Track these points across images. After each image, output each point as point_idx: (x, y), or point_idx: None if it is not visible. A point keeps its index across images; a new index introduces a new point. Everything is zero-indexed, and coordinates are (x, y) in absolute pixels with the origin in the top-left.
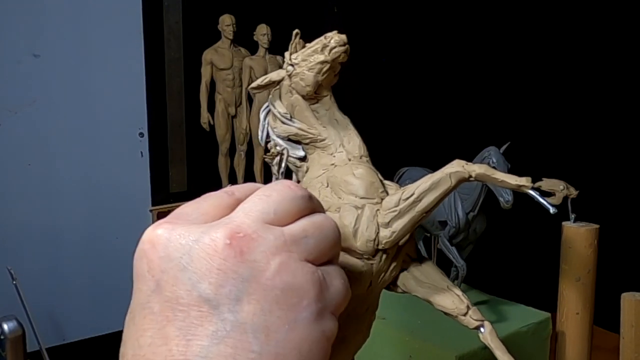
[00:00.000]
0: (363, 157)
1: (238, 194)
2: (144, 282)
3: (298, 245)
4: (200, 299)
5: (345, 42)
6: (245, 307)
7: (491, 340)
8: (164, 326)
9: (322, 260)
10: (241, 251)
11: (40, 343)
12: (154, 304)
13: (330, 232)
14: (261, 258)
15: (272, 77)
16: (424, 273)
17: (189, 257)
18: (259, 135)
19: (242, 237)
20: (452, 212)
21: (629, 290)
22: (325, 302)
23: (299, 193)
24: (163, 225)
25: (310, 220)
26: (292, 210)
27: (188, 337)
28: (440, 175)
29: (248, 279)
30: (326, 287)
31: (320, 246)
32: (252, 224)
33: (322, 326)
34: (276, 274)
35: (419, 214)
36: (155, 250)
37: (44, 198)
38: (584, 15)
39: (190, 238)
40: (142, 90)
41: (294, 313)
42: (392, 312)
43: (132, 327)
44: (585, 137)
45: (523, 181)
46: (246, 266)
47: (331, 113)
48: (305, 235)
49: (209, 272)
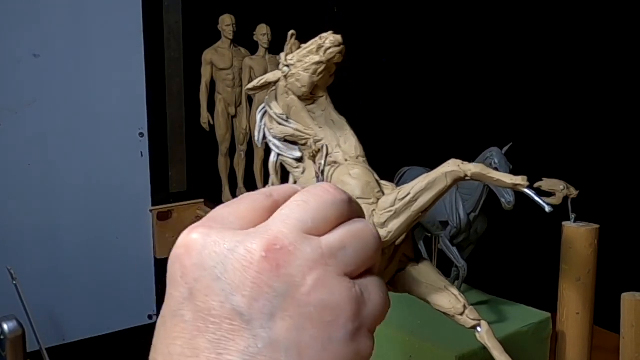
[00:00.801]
0: (359, 157)
1: (276, 195)
2: (176, 287)
3: (335, 258)
4: (233, 312)
5: (340, 43)
6: (279, 324)
7: (488, 339)
8: (194, 337)
9: (360, 272)
10: (277, 265)
11: (40, 343)
12: (186, 311)
13: (369, 241)
14: (297, 273)
15: (268, 78)
16: (421, 273)
17: (224, 267)
18: (256, 136)
19: (279, 249)
20: (453, 212)
21: (629, 290)
22: (362, 320)
23: (338, 197)
24: (198, 229)
25: (348, 229)
26: (330, 217)
27: (219, 350)
28: (436, 174)
29: (283, 295)
30: (364, 304)
31: (358, 257)
32: (289, 235)
33: (357, 345)
34: (312, 290)
35: (415, 213)
36: (189, 256)
37: (44, 198)
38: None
39: (225, 247)
40: (142, 90)
41: (329, 332)
42: (392, 312)
43: (163, 333)
44: (586, 137)
45: (519, 180)
46: (282, 281)
47: (327, 114)
48: (344, 246)
49: (243, 285)
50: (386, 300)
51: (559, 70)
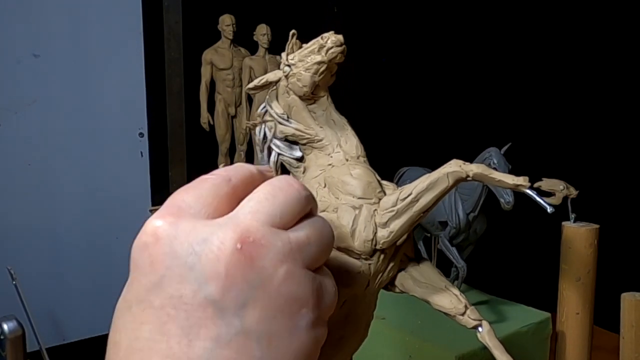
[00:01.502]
0: (360, 157)
1: (234, 180)
2: (145, 274)
3: (302, 252)
4: (206, 301)
5: (342, 43)
6: (251, 313)
7: (489, 339)
8: (164, 322)
9: (317, 266)
10: (251, 257)
11: (40, 343)
12: (155, 298)
13: (328, 237)
14: (269, 265)
15: (269, 78)
16: (422, 273)
17: (197, 257)
18: (256, 136)
19: (252, 242)
20: (452, 212)
21: (629, 290)
22: (320, 310)
23: (303, 193)
24: (165, 217)
25: (312, 225)
26: (295, 212)
27: (190, 337)
28: (437, 175)
29: (256, 286)
30: (322, 295)
31: (320, 252)
32: (260, 228)
33: (316, 333)
34: (282, 282)
35: (416, 213)
36: (159, 245)
37: (44, 198)
38: (584, 15)
39: (197, 237)
40: (142, 90)
41: (295, 321)
42: (391, 312)
43: (129, 317)
44: (586, 137)
45: (520, 180)
46: (255, 273)
47: (328, 113)
48: (309, 242)
49: (217, 275)
50: (336, 291)
51: (559, 71)
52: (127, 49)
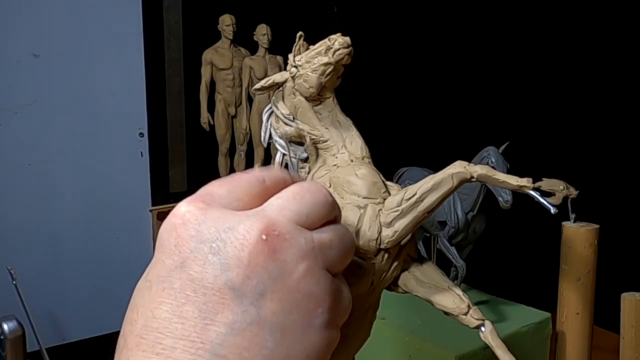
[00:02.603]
0: (365, 158)
1: (268, 182)
2: (169, 255)
3: (324, 253)
4: (226, 286)
5: (349, 45)
6: (267, 304)
7: (492, 339)
8: (182, 304)
9: (336, 271)
10: (274, 249)
11: (40, 343)
12: (176, 279)
13: (350, 244)
14: (291, 259)
15: (275, 79)
16: (425, 273)
17: (222, 242)
18: (262, 136)
19: (277, 235)
20: (451, 212)
21: (629, 290)
22: (336, 313)
23: (330, 199)
24: (197, 203)
25: (335, 230)
26: (321, 215)
27: (207, 320)
28: (442, 175)
29: (275, 278)
30: (338, 299)
31: (341, 258)
32: (286, 224)
33: (329, 334)
34: (302, 278)
35: (421, 213)
36: (186, 228)
37: (44, 198)
38: (584, 15)
39: (225, 224)
40: (142, 90)
41: (309, 318)
42: (392, 312)
43: (147, 296)
44: (585, 137)
45: (524, 182)
46: (276, 265)
47: (334, 114)
48: (331, 245)
49: (240, 262)
50: (351, 301)
51: (558, 70)
52: (127, 49)
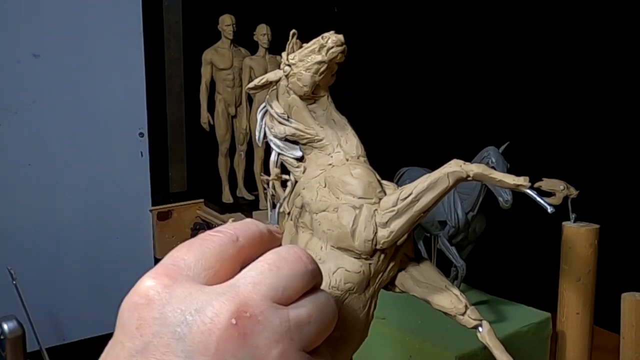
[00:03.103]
0: (360, 157)
1: (242, 240)
2: (129, 338)
3: (301, 332)
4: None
5: (342, 42)
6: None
7: (489, 339)
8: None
9: (316, 346)
10: (245, 334)
11: (40, 343)
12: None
13: (331, 315)
14: (263, 345)
15: (269, 78)
16: (422, 273)
17: (188, 327)
18: (257, 135)
19: (249, 317)
20: (451, 212)
21: (629, 290)
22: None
23: (310, 267)
24: (162, 278)
25: (315, 302)
26: (300, 287)
27: None
28: (438, 174)
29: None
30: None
31: (320, 333)
32: (260, 303)
33: None
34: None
35: (417, 213)
36: (150, 309)
37: (44, 198)
38: (584, 15)
39: (191, 306)
40: (142, 90)
41: None
42: (392, 312)
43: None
44: (585, 137)
45: (521, 180)
46: (246, 351)
47: (328, 113)
48: (309, 321)
49: (206, 350)
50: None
51: (559, 70)
52: (127, 49)
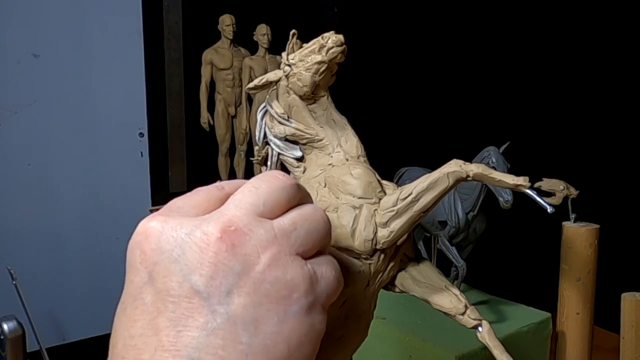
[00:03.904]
0: (360, 157)
1: (228, 188)
2: (136, 273)
3: (288, 238)
4: (191, 291)
5: (342, 42)
6: (236, 300)
7: (489, 339)
8: (154, 317)
9: (312, 252)
10: (232, 244)
11: (40, 343)
12: (146, 295)
13: (319, 223)
14: (252, 252)
15: (269, 78)
16: (422, 273)
17: (181, 249)
18: (257, 135)
19: (234, 230)
20: (452, 212)
21: (629, 290)
22: (315, 296)
23: (288, 182)
24: (156, 217)
25: (299, 212)
26: (281, 200)
27: (179, 328)
28: (438, 174)
29: (239, 273)
30: (316, 281)
31: (309, 238)
32: (243, 217)
33: (311, 319)
34: (267, 267)
35: (417, 213)
36: (148, 242)
37: (44, 198)
38: (584, 15)
39: (182, 231)
40: (142, 90)
41: (284, 306)
42: (392, 312)
43: (123, 318)
44: (585, 137)
45: (520, 180)
46: (237, 260)
47: (328, 113)
48: (295, 228)
49: (201, 265)
50: (338, 278)
51: (559, 70)
52: (127, 49)
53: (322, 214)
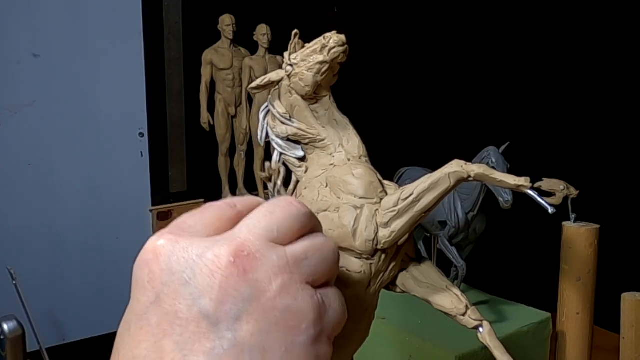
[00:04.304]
0: (362, 157)
1: (240, 206)
2: (143, 292)
3: (299, 267)
4: (200, 315)
5: (344, 42)
6: (244, 327)
7: (490, 340)
8: (160, 339)
9: (320, 282)
10: (244, 270)
11: (40, 343)
12: (152, 315)
13: (330, 254)
14: (263, 278)
15: (271, 77)
16: (423, 273)
17: (192, 271)
18: (259, 135)
19: (246, 255)
20: (452, 212)
21: (629, 290)
22: (323, 326)
23: (302, 210)
24: (166, 236)
25: (311, 241)
26: (294, 228)
27: (184, 352)
28: (439, 175)
29: (249, 299)
30: (325, 311)
31: (320, 268)
32: (256, 242)
33: (317, 351)
34: (277, 295)
35: (418, 213)
36: (158, 262)
37: (44, 198)
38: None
39: (193, 252)
40: (142, 90)
41: (292, 336)
42: (392, 312)
43: (127, 338)
44: (585, 137)
45: (522, 181)
46: (248, 285)
47: (330, 113)
48: (307, 257)
49: (211, 289)
50: (344, 310)
51: (559, 70)
52: (127, 49)
53: (333, 245)
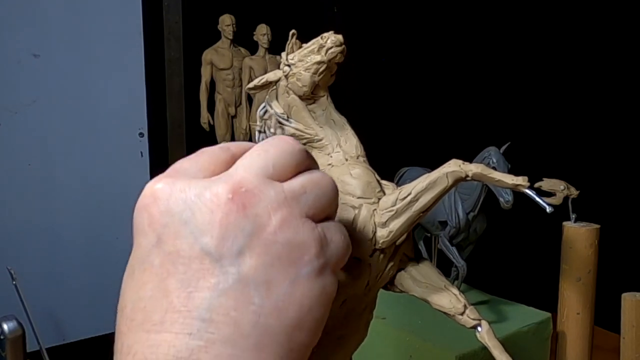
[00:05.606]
0: (360, 157)
1: (234, 149)
2: (144, 236)
3: (298, 201)
4: (202, 252)
5: (341, 43)
6: (247, 261)
7: (488, 339)
8: (164, 279)
9: (321, 217)
10: (243, 205)
11: (40, 343)
12: (155, 257)
13: (328, 188)
14: (263, 213)
15: (268, 78)
16: (421, 272)
17: (191, 211)
18: (256, 136)
19: (244, 192)
20: (452, 212)
21: (629, 290)
22: (326, 258)
23: (297, 147)
24: (163, 179)
25: (308, 176)
26: (290, 164)
27: (189, 289)
28: (437, 174)
29: (250, 234)
30: (327, 244)
31: (319, 202)
32: (253, 179)
33: (322, 282)
34: (278, 229)
35: (416, 213)
36: (156, 205)
37: (44, 198)
38: (584, 15)
39: (191, 192)
40: (142, 90)
41: (296, 268)
42: (392, 312)
43: (131, 281)
44: (586, 137)
45: (520, 180)
46: (248, 220)
47: (328, 113)
48: (305, 191)
49: (211, 226)
50: (347, 242)
51: (559, 70)
52: (127, 49)
53: (330, 180)
